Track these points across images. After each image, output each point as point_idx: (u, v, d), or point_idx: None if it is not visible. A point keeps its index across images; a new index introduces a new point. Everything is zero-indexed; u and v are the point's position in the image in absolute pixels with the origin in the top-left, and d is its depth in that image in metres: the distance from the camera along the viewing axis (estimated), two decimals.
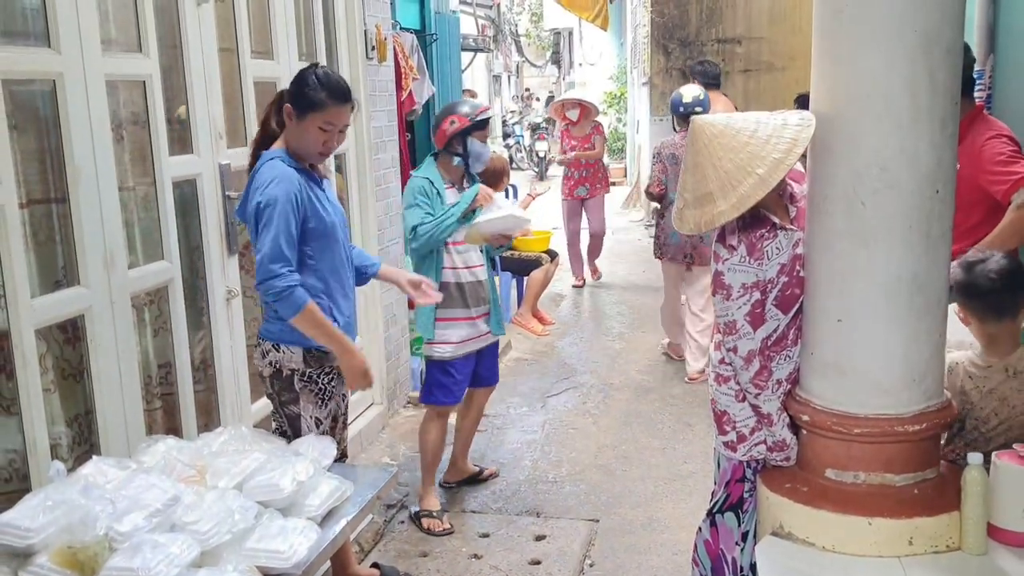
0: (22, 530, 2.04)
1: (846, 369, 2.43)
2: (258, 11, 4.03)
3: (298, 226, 2.84)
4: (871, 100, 2.27)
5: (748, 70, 11.01)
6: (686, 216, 2.54)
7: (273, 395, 3.05)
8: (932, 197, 2.31)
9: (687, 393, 5.77)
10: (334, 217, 3.02)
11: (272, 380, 3.02)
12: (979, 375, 2.64)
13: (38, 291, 2.74)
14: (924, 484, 2.42)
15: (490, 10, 17.87)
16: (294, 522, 2.39)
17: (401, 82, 5.92)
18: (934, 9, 2.22)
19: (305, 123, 2.92)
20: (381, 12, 5.23)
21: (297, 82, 2.94)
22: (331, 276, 3.01)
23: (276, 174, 2.84)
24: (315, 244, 2.93)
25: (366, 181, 5.05)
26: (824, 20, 2.37)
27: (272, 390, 3.04)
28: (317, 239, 2.93)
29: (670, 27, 11.25)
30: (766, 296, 2.53)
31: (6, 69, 2.59)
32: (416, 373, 5.84)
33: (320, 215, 2.92)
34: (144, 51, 3.20)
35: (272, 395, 3.06)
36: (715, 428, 2.79)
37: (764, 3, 10.82)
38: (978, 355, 2.67)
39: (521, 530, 4.06)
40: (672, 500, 4.31)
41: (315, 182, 2.98)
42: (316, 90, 2.90)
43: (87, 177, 2.87)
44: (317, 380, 3.01)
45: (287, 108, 2.92)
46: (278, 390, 3.02)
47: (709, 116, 2.56)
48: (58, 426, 2.91)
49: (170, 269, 3.32)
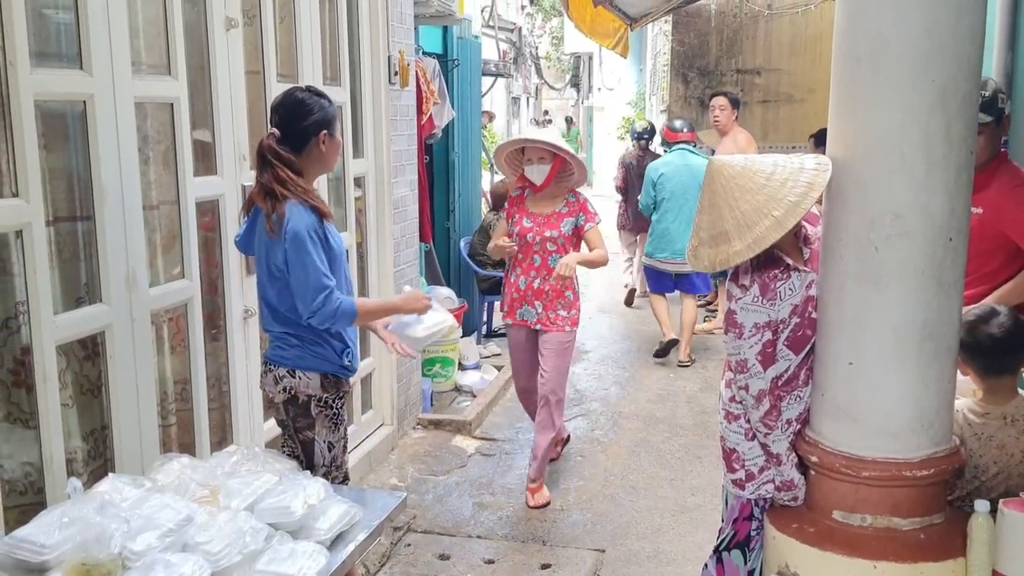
0: (37, 546, 2.07)
1: (856, 412, 2.44)
2: (285, 35, 4.10)
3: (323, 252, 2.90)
4: (887, 149, 2.31)
5: (767, 101, 11.06)
6: (700, 254, 2.57)
7: (287, 421, 3.06)
8: (945, 245, 2.33)
9: (697, 425, 5.77)
10: (341, 245, 3.06)
11: (287, 406, 3.04)
12: (978, 422, 2.66)
13: (60, 308, 2.79)
14: (931, 529, 2.43)
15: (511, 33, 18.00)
16: (304, 545, 2.41)
17: (422, 106, 5.98)
18: (951, 60, 2.25)
19: (335, 138, 3.01)
20: (405, 38, 5.30)
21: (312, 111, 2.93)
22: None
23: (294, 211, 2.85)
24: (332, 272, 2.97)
25: (384, 203, 5.10)
26: (843, 68, 2.41)
27: (286, 416, 3.06)
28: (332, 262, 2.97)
29: (690, 56, 11.32)
30: (777, 336, 2.55)
31: (39, 90, 2.65)
32: (427, 395, 5.87)
33: (331, 243, 2.95)
34: (173, 74, 3.27)
35: (285, 421, 3.07)
36: (724, 465, 2.80)
37: (784, 35, 10.88)
38: (976, 402, 2.69)
39: (527, 558, 4.07)
40: (679, 533, 4.31)
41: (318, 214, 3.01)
42: (328, 106, 2.99)
43: (113, 196, 2.93)
44: (332, 405, 3.04)
45: (323, 136, 2.95)
46: (293, 416, 3.04)
47: (727, 157, 2.60)
48: (74, 440, 2.95)
49: (190, 288, 3.37)
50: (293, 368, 3.00)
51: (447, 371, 6.35)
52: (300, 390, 3.00)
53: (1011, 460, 2.61)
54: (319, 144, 2.95)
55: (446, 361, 6.33)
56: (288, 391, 3.01)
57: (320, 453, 3.04)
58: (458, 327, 3.63)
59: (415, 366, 5.64)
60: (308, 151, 2.95)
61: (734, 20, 11.02)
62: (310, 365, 2.98)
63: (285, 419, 3.07)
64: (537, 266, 4.54)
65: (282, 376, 3.01)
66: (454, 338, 3.52)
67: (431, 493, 4.72)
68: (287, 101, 2.96)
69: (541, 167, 4.45)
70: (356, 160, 4.83)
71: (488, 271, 7.35)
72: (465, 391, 6.37)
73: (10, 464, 2.72)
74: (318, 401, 3.01)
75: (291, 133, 2.92)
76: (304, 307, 2.84)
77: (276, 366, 3.03)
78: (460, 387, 6.42)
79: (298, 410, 3.02)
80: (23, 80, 2.56)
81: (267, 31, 3.88)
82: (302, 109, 2.94)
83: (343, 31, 4.65)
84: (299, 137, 2.93)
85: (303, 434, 3.04)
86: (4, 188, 2.61)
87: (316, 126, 2.93)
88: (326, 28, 4.49)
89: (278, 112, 2.96)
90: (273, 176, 2.87)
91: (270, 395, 3.08)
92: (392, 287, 5.18)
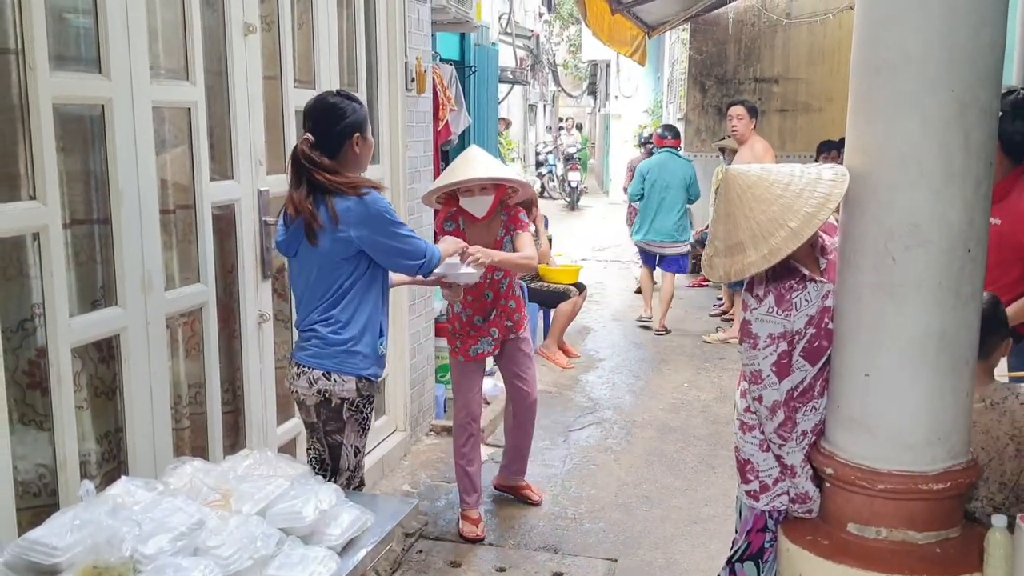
0: (50, 548, 2.07)
1: (871, 424, 2.42)
2: (303, 41, 4.12)
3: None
4: (905, 159, 2.29)
5: (784, 110, 11.04)
6: (716, 264, 2.56)
7: (317, 424, 3.08)
8: (963, 256, 2.31)
9: (711, 435, 5.74)
10: None
11: (319, 408, 3.05)
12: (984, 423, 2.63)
13: (76, 310, 2.81)
14: (947, 543, 2.41)
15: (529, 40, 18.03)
16: (315, 551, 2.41)
17: (438, 113, 5.99)
18: (970, 71, 2.24)
19: (367, 140, 3.06)
20: (422, 45, 5.31)
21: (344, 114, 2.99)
22: (384, 300, 3.18)
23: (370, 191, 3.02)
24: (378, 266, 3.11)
25: (400, 209, 5.10)
26: (861, 77, 2.39)
27: (316, 419, 3.07)
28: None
29: (708, 64, 11.32)
30: (793, 347, 2.54)
31: (58, 93, 2.66)
32: (440, 401, 5.87)
33: None
34: (191, 79, 3.28)
35: (315, 423, 3.08)
36: (738, 476, 2.78)
37: (803, 44, 10.85)
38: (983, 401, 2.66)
39: (538, 566, 4.05)
40: (692, 543, 4.29)
41: None
42: (359, 108, 3.03)
43: (130, 200, 2.94)
44: (363, 409, 3.06)
45: (357, 138, 3.01)
46: (324, 419, 3.05)
47: (744, 167, 2.58)
48: (88, 442, 2.96)
49: (205, 292, 3.38)
50: (329, 371, 3.01)
51: None
52: (335, 393, 3.01)
53: (998, 444, 2.58)
54: (353, 146, 3.01)
55: None
56: (322, 393, 3.02)
57: (346, 457, 3.06)
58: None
59: (428, 372, 5.64)
60: (343, 154, 3.01)
61: (752, 28, 11.01)
62: (348, 369, 3.00)
63: (315, 422, 3.08)
64: (490, 300, 4.29)
65: (317, 379, 3.02)
66: None
67: (443, 499, 4.72)
68: (319, 106, 3.01)
69: (483, 198, 4.06)
70: (372, 166, 4.83)
71: None
72: None
73: (24, 465, 2.73)
74: (350, 405, 3.03)
75: (325, 137, 2.98)
76: (415, 262, 3.10)
77: (311, 368, 3.03)
78: None
79: (330, 413, 3.04)
80: (42, 83, 2.58)
81: (285, 37, 3.89)
82: (335, 113, 2.99)
83: (360, 37, 4.66)
84: (333, 141, 2.99)
85: (332, 437, 3.06)
86: (22, 191, 2.63)
87: (350, 129, 2.99)
88: (343, 34, 4.50)
89: (311, 117, 3.02)
90: (310, 180, 2.96)
91: (301, 397, 3.09)
92: (406, 292, 5.18)
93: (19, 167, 2.63)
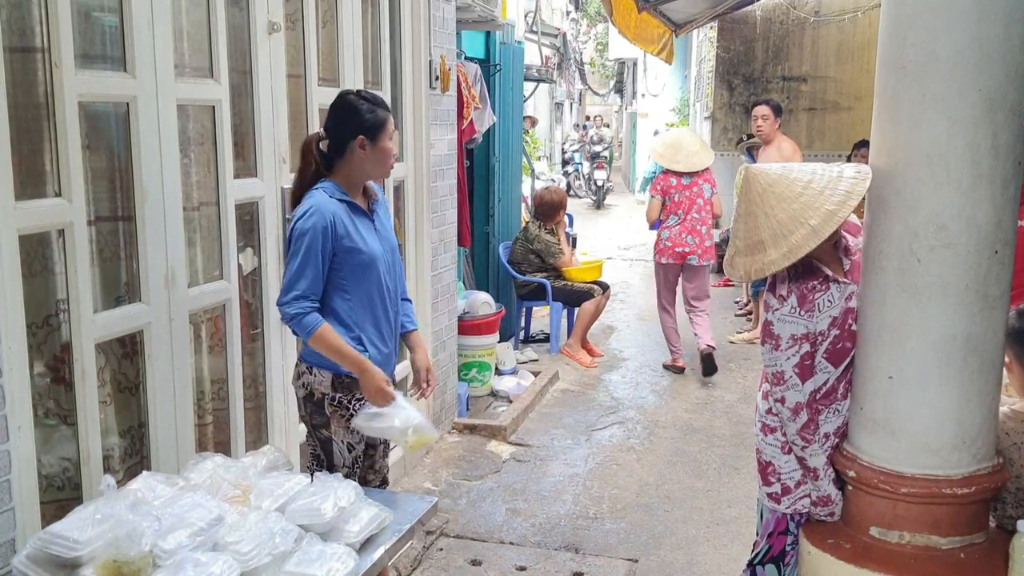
0: (71, 541, 2.09)
1: (895, 427, 2.39)
2: (327, 39, 4.13)
3: (327, 257, 2.90)
4: (932, 159, 2.26)
5: (813, 108, 10.95)
6: (736, 263, 2.54)
7: (305, 417, 3.09)
8: (991, 258, 2.28)
9: (735, 435, 5.70)
10: (374, 249, 3.01)
11: (305, 402, 3.06)
12: (1016, 428, 2.58)
13: (100, 306, 2.83)
14: (971, 549, 2.38)
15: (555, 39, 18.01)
16: (333, 547, 2.41)
17: (463, 111, 5.99)
18: (998, 70, 2.20)
19: (378, 146, 2.99)
20: (447, 43, 5.31)
21: (352, 113, 2.96)
22: (365, 307, 3.01)
23: (313, 205, 2.89)
24: (350, 274, 2.95)
25: (423, 207, 5.11)
26: (887, 76, 2.36)
27: (304, 412, 3.08)
28: (353, 269, 2.95)
29: (735, 63, 11.25)
30: (816, 348, 2.51)
31: (83, 91, 2.69)
32: (463, 399, 5.87)
33: (358, 246, 2.95)
34: (215, 76, 3.30)
35: (304, 417, 3.10)
36: (759, 478, 2.76)
37: (832, 43, 10.76)
38: (1013, 409, 2.61)
39: (559, 566, 4.04)
40: (714, 545, 4.26)
41: (363, 214, 3.02)
42: (373, 111, 2.98)
43: (153, 197, 2.96)
44: (348, 406, 3.03)
45: (360, 140, 2.95)
46: (310, 412, 3.06)
47: (764, 165, 2.56)
48: (111, 437, 2.99)
49: (228, 289, 3.40)
50: (311, 365, 3.02)
51: (483, 376, 6.35)
52: (315, 387, 3.02)
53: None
54: (358, 148, 2.96)
55: (483, 366, 6.33)
56: (306, 387, 3.03)
57: (339, 453, 3.05)
58: (424, 426, 3.03)
59: (451, 370, 5.64)
60: (349, 154, 2.97)
61: (780, 27, 10.93)
62: (324, 363, 2.98)
63: (304, 414, 3.09)
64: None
65: (302, 372, 3.04)
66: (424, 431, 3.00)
67: (464, 498, 4.72)
68: (336, 102, 3.02)
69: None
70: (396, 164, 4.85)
71: (527, 276, 7.36)
72: (501, 396, 6.36)
73: (48, 459, 2.76)
74: (331, 400, 3.02)
75: (333, 135, 2.99)
76: (281, 295, 2.92)
77: (300, 362, 3.07)
78: (496, 392, 6.42)
79: (313, 407, 3.04)
80: (68, 81, 2.61)
81: (309, 35, 3.91)
82: (344, 112, 2.98)
83: (385, 35, 4.67)
84: (339, 139, 2.98)
85: (320, 432, 3.05)
86: (47, 188, 2.66)
87: (353, 130, 2.95)
88: (368, 32, 4.51)
89: (328, 112, 3.04)
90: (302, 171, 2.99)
91: (296, 390, 3.11)
92: (429, 290, 5.19)
93: (45, 164, 2.66)
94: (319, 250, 2.87)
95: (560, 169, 21.88)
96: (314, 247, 2.86)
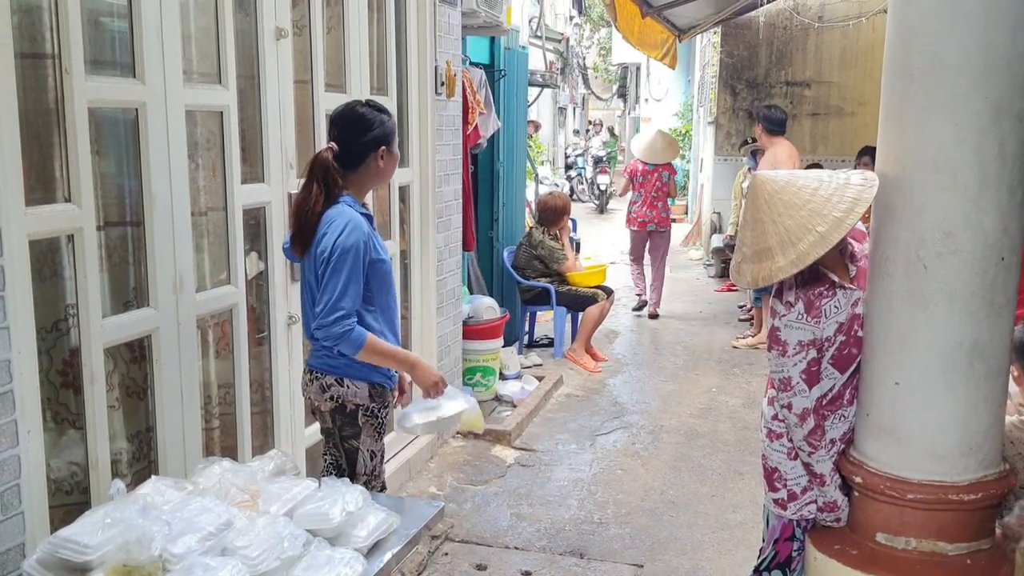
0: (81, 546, 2.10)
1: (901, 433, 2.40)
2: (333, 46, 4.15)
3: (364, 273, 2.89)
4: (938, 166, 2.27)
5: (816, 113, 10.95)
6: (743, 270, 2.54)
7: (332, 430, 3.06)
8: (997, 265, 2.28)
9: (739, 440, 5.70)
10: (387, 257, 3.04)
11: (334, 415, 3.03)
12: (1021, 438, 2.59)
13: (109, 311, 2.85)
14: (977, 555, 2.38)
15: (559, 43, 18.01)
16: (341, 552, 2.42)
17: (468, 116, 6.00)
18: (1005, 77, 2.21)
19: (392, 154, 3.01)
20: (452, 49, 5.33)
21: (370, 126, 2.95)
22: (384, 314, 3.04)
23: (350, 220, 2.86)
24: (376, 283, 2.96)
25: (428, 213, 5.13)
26: (893, 83, 2.37)
27: (332, 424, 3.05)
28: (377, 278, 2.96)
29: (739, 68, 11.25)
30: (822, 354, 2.52)
31: (93, 97, 2.70)
32: None
33: (382, 256, 2.96)
34: (223, 82, 3.32)
35: (331, 430, 3.07)
36: (765, 484, 2.76)
37: (835, 48, 10.76)
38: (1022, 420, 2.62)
39: (564, 571, 4.05)
40: (718, 550, 4.26)
41: (372, 222, 3.03)
42: (386, 120, 2.98)
43: (162, 202, 2.98)
44: (378, 415, 3.04)
45: (382, 151, 2.95)
46: (340, 425, 3.04)
47: (771, 172, 2.57)
48: (119, 442, 3.00)
49: (236, 294, 3.41)
50: (342, 377, 2.99)
51: (488, 380, 6.35)
52: (348, 399, 2.99)
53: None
54: (378, 159, 2.96)
55: (487, 371, 6.34)
56: (336, 400, 3.01)
57: (363, 462, 3.05)
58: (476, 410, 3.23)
59: (456, 374, 5.65)
60: (366, 166, 2.96)
61: (784, 32, 10.93)
62: (359, 374, 2.97)
63: (331, 428, 3.07)
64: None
65: (330, 384, 3.00)
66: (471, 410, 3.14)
67: (469, 503, 4.72)
68: (347, 115, 2.97)
69: None
70: (401, 169, 4.86)
71: (531, 282, 7.36)
72: (505, 401, 6.36)
73: (57, 464, 2.78)
74: (365, 411, 3.02)
75: (350, 148, 2.94)
76: (316, 319, 2.84)
77: (323, 374, 3.01)
78: (500, 397, 6.42)
79: (345, 419, 3.03)
80: (77, 87, 2.62)
81: (316, 41, 3.92)
82: (362, 124, 2.94)
83: (391, 41, 4.68)
84: (358, 152, 2.94)
85: (348, 443, 3.04)
86: (57, 193, 2.67)
87: (375, 142, 2.94)
88: (374, 38, 4.53)
89: (337, 126, 2.98)
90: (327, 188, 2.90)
91: (316, 403, 3.07)
92: (434, 295, 5.20)
93: (55, 170, 2.68)
94: (361, 267, 2.86)
95: (563, 173, 21.89)
96: (357, 264, 2.85)
